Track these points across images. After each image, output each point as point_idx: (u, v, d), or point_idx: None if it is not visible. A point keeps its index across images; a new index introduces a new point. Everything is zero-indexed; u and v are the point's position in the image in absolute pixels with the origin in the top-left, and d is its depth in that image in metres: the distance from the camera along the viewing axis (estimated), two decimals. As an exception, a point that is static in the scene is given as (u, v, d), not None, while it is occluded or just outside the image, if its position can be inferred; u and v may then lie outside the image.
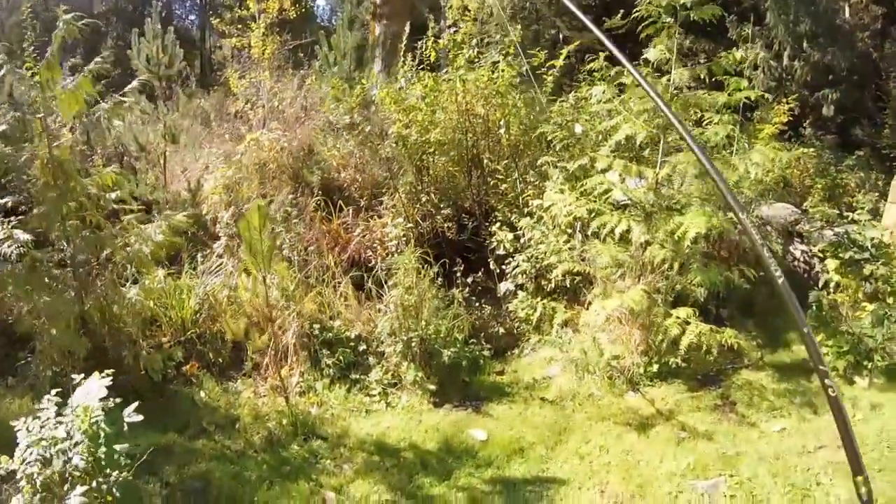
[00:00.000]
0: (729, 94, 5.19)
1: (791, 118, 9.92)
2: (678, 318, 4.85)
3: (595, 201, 5.31)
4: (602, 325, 5.11)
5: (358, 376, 5.53)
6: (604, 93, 5.43)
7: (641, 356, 5.10)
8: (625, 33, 5.14)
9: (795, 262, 7.23)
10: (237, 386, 5.39)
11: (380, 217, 7.08)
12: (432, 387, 5.26)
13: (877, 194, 9.34)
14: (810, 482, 3.92)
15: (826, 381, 1.79)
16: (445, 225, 6.84)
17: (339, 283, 6.33)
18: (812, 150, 9.93)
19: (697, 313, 4.97)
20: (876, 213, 8.16)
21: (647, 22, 4.88)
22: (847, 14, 12.97)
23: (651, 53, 5.01)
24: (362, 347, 5.71)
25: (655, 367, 5.20)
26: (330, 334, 5.77)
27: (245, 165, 7.45)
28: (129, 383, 4.65)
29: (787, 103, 9.86)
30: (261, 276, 4.89)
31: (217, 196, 7.13)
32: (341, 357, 5.59)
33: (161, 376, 5.13)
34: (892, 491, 3.78)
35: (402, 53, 7.45)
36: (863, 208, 6.20)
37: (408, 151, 7.02)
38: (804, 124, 11.83)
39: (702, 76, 4.99)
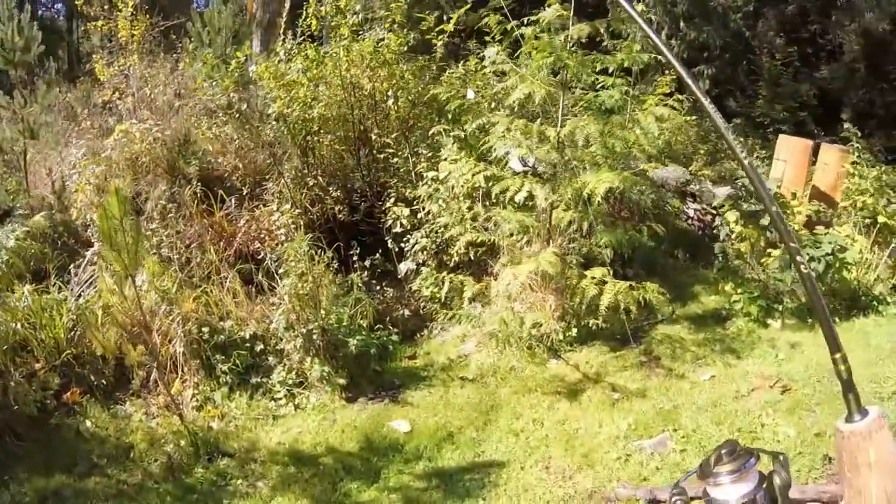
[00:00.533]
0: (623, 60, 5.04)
1: (670, 92, 10.21)
2: (593, 278, 4.62)
3: (494, 167, 5.01)
4: (515, 293, 4.80)
5: (259, 380, 4.91)
6: (497, 53, 5.12)
7: (559, 321, 4.84)
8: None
9: (690, 220, 7.36)
10: (126, 409, 4.64)
11: (265, 205, 6.48)
12: (342, 381, 4.76)
13: (754, 157, 9.84)
14: (755, 424, 3.81)
15: (797, 257, 1.57)
16: (336, 208, 6.34)
17: (227, 279, 5.71)
18: (694, 118, 10.23)
19: (610, 271, 4.78)
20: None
21: None
22: (721, -3, 13.57)
23: (546, 13, 4.75)
24: (259, 347, 5.05)
25: (574, 332, 4.97)
26: (222, 337, 5.07)
27: (115, 161, 6.63)
28: (2, 422, 3.97)
29: (669, 75, 10.07)
30: (128, 276, 4.19)
31: (85, 197, 6.30)
32: (237, 361, 4.92)
33: (38, 409, 4.34)
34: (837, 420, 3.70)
35: (282, 30, 6.85)
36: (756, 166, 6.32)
37: (291, 132, 6.46)
38: (682, 97, 12.26)
39: (601, 30, 4.77)
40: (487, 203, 5.41)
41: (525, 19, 4.76)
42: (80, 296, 5.17)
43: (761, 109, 11.82)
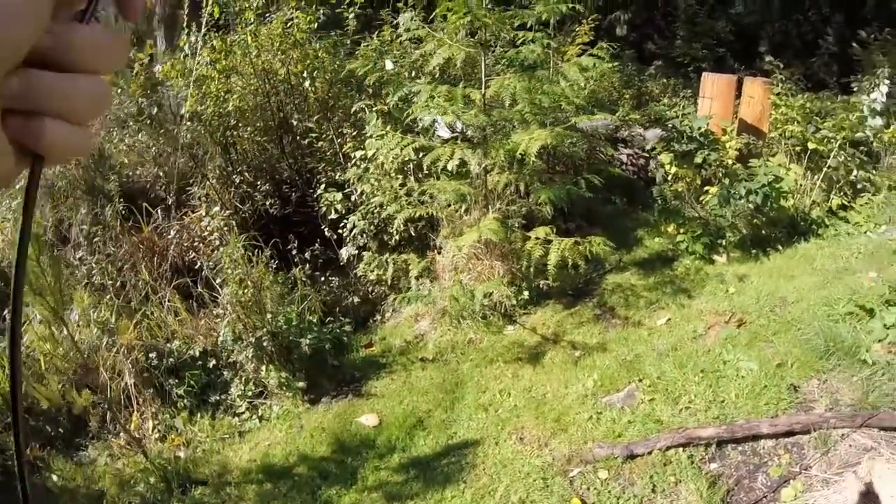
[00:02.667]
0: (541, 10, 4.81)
1: (591, 41, 10.09)
2: (538, 238, 4.45)
3: (422, 138, 4.76)
4: (462, 265, 4.61)
5: (218, 397, 4.61)
6: (412, 19, 4.84)
7: (509, 287, 4.66)
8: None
9: (624, 166, 7.27)
10: (90, 454, 4.28)
11: (194, 211, 6.10)
12: (301, 384, 4.49)
13: (680, 97, 9.87)
14: (717, 363, 3.71)
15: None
16: (267, 202, 5.99)
17: (165, 297, 5.35)
18: (616, 64, 10.15)
19: (553, 229, 4.62)
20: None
21: None
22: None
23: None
24: (212, 363, 4.73)
25: (526, 294, 4.81)
26: (171, 360, 4.74)
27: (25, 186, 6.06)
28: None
29: (587, 24, 9.94)
30: (57, 318, 3.81)
31: (3, 236, 5.80)
32: (192, 382, 4.61)
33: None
34: (796, 348, 3.66)
35: (184, 23, 6.34)
36: (682, 106, 6.34)
37: (208, 130, 6.04)
38: (601, 44, 12.20)
39: None
40: (421, 176, 5.17)
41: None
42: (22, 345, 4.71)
43: (681, 49, 11.87)
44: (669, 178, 5.66)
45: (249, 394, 4.57)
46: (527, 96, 4.59)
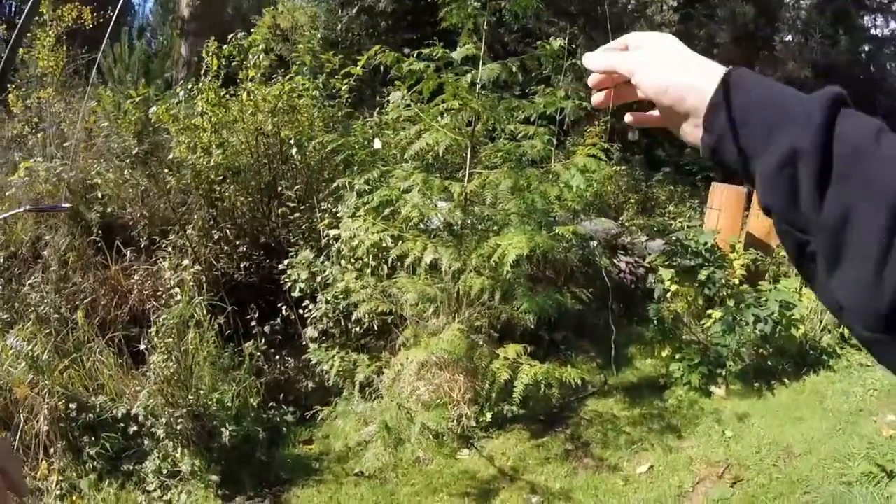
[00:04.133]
0: (543, 106, 4.08)
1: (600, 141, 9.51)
2: (506, 358, 3.57)
3: (397, 226, 3.95)
4: (418, 372, 3.71)
5: (131, 466, 3.81)
6: (403, 98, 4.09)
7: (471, 405, 3.76)
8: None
9: (622, 275, 6.42)
10: None
11: (167, 259, 5.32)
12: (215, 477, 3.68)
13: (686, 206, 9.12)
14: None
15: None
16: (242, 265, 5.20)
17: (102, 346, 4.52)
18: (624, 168, 9.47)
19: (527, 349, 3.73)
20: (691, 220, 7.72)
21: (449, 7, 3.57)
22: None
23: (458, 52, 3.76)
24: (133, 429, 3.91)
25: (489, 416, 3.90)
26: (91, 415, 3.93)
27: (19, 200, 5.49)
28: None
29: (599, 125, 9.30)
30: None
31: None
32: (108, 444, 3.83)
33: None
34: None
35: (203, 71, 5.74)
36: (688, 217, 5.55)
37: (196, 180, 5.31)
38: (612, 147, 11.63)
39: (514, 70, 3.76)
40: (396, 265, 4.33)
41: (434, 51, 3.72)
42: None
43: (690, 157, 11.22)
44: (669, 295, 4.77)
45: (164, 472, 3.77)
46: (512, 196, 3.78)
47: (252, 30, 5.65)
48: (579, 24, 11.58)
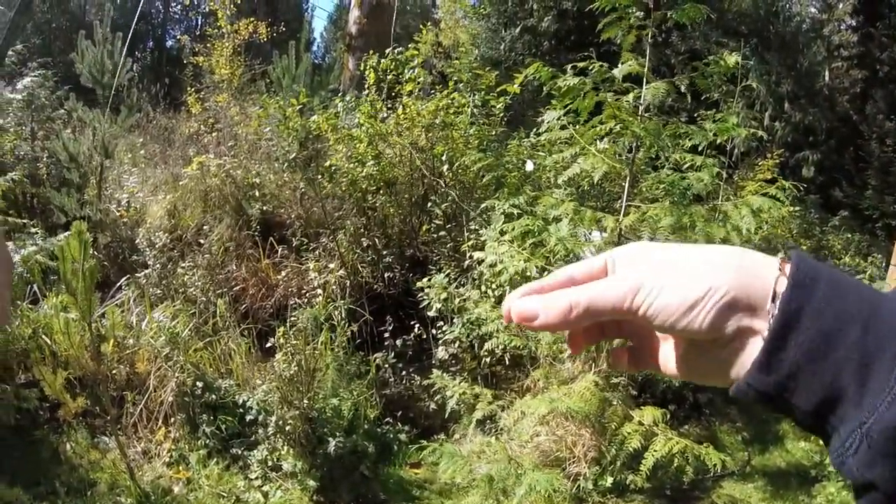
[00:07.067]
0: (714, 134, 3.41)
1: (773, 178, 8.30)
2: (641, 423, 2.97)
3: (543, 256, 3.50)
4: (542, 417, 3.24)
5: (240, 451, 3.77)
6: (559, 119, 3.63)
7: (591, 465, 3.21)
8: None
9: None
10: (109, 443, 3.73)
11: (318, 260, 5.35)
12: (312, 482, 3.49)
13: (867, 260, 7.69)
14: None
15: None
16: (385, 276, 5.04)
17: (245, 334, 4.59)
18: (797, 209, 8.18)
19: (666, 414, 3.09)
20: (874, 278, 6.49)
21: (609, 18, 3.08)
22: (827, 78, 11.31)
23: (619, 69, 3.25)
24: (250, 417, 3.89)
25: (609, 481, 3.31)
26: (214, 395, 3.98)
27: (190, 190, 5.95)
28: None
29: (773, 158, 8.13)
30: (83, 319, 3.19)
31: (155, 220, 5.65)
32: (223, 426, 3.84)
33: (16, 420, 3.64)
34: None
35: (369, 84, 5.77)
36: (868, 274, 4.55)
37: (351, 189, 5.28)
38: (787, 184, 10.19)
39: (682, 89, 3.17)
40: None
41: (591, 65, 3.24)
42: (103, 315, 4.24)
43: (869, 201, 9.54)
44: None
45: (269, 464, 3.69)
46: (673, 235, 3.19)
47: (411, 45, 5.51)
48: (751, 44, 10.34)
